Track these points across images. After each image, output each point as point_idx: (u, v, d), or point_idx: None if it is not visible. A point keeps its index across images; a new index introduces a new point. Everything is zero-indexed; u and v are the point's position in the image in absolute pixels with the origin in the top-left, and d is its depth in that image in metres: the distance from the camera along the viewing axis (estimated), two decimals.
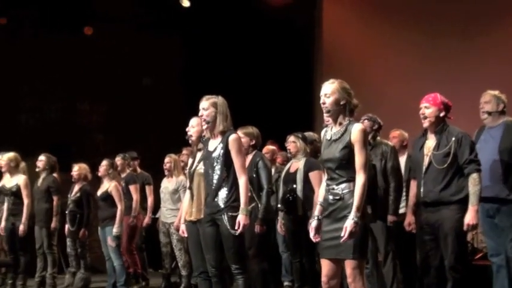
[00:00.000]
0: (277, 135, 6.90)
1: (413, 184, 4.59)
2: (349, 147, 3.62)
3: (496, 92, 4.79)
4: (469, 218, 4.20)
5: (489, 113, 4.75)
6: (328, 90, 3.69)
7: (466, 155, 4.26)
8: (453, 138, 4.29)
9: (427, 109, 4.41)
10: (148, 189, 7.46)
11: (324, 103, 3.71)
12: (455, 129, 4.37)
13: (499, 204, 4.63)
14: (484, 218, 4.72)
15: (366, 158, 3.60)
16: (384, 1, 9.85)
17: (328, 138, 3.75)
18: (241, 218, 4.23)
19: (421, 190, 4.37)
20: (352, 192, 3.60)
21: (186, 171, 5.07)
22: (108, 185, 6.77)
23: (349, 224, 3.52)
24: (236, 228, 4.24)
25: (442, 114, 4.38)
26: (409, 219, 4.65)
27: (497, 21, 8.59)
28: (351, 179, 3.62)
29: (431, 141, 4.41)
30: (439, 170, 4.30)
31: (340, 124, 3.71)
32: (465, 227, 4.22)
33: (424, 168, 4.38)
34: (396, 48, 9.40)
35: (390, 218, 5.30)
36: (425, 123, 4.42)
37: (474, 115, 5.10)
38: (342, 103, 3.69)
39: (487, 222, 4.75)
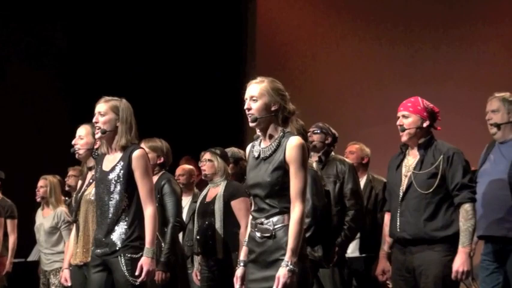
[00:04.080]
0: (195, 150, 6.90)
1: (387, 219, 4.58)
2: (283, 169, 3.60)
3: (506, 95, 4.74)
4: (459, 263, 4.19)
5: (498, 126, 4.70)
6: (255, 92, 3.67)
7: (457, 178, 4.28)
8: (441, 156, 4.32)
9: (406, 118, 4.42)
10: (12, 224, 7.39)
11: (249, 108, 3.67)
12: (444, 145, 4.41)
13: (508, 245, 4.56)
14: (487, 262, 4.67)
15: (305, 183, 3.59)
16: None
17: (256, 155, 3.72)
18: (144, 262, 4.18)
19: (397, 223, 4.36)
20: (287, 227, 3.56)
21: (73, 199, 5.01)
22: None
23: (282, 273, 3.48)
24: (137, 274, 4.17)
25: (426, 124, 4.40)
26: (383, 265, 4.64)
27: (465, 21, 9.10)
28: (286, 211, 3.59)
29: (411, 159, 4.43)
30: (421, 195, 4.30)
31: (271, 137, 3.69)
32: (453, 275, 4.20)
33: (401, 192, 4.38)
34: (353, 43, 9.74)
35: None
36: (404, 137, 4.42)
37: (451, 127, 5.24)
38: (273, 109, 3.67)
39: (487, 268, 4.67)
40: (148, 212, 4.27)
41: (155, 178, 5.32)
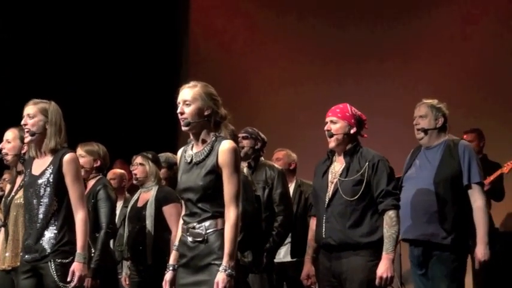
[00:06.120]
0: (128, 154, 6.88)
1: (313, 223, 4.61)
2: (215, 173, 3.64)
3: (434, 102, 4.89)
4: (383, 269, 4.21)
5: (425, 131, 4.86)
6: (188, 96, 3.70)
7: (382, 185, 4.31)
8: (367, 163, 4.35)
9: (334, 124, 4.45)
10: None
11: (182, 113, 3.70)
12: (370, 152, 4.44)
13: (431, 250, 4.69)
14: (413, 268, 4.79)
15: (239, 187, 3.62)
16: None
17: (188, 160, 3.75)
18: (76, 267, 4.18)
19: (323, 229, 4.38)
20: (219, 232, 3.60)
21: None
22: None
23: (221, 278, 3.50)
24: (69, 279, 4.16)
25: (353, 131, 4.44)
26: (308, 269, 4.68)
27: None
28: (218, 215, 3.62)
29: (338, 165, 4.46)
30: (347, 202, 4.32)
31: (204, 142, 3.72)
32: (377, 281, 4.22)
33: (327, 199, 4.39)
34: (284, 46, 9.77)
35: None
36: (332, 143, 4.45)
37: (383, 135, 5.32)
38: (206, 113, 3.70)
39: (415, 273, 4.82)
40: (79, 216, 4.26)
41: (92, 182, 5.36)
